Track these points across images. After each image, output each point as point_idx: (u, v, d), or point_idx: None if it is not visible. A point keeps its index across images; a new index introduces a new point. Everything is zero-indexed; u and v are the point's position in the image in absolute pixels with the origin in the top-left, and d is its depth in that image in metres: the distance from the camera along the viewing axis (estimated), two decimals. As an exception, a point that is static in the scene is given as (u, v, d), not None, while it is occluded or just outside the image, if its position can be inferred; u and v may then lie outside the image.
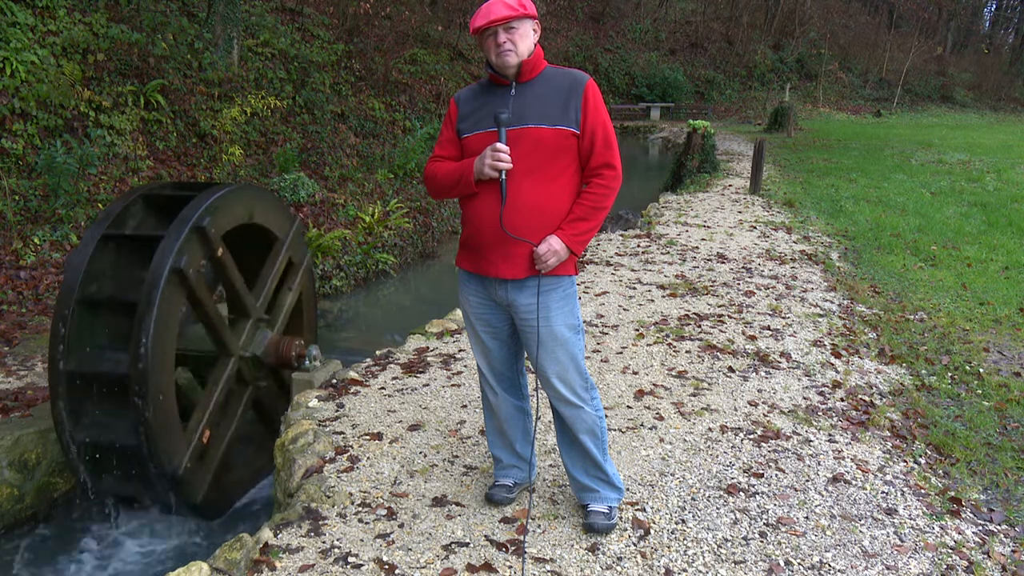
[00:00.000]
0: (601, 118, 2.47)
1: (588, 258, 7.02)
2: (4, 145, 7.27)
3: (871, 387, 4.18)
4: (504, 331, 2.67)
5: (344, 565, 2.55)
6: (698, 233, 8.25)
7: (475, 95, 2.57)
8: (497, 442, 2.89)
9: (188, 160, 9.44)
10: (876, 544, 2.72)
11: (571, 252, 2.46)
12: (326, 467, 3.19)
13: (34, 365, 4.97)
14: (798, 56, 35.04)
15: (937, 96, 37.86)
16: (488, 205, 2.45)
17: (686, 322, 5.16)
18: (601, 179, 2.48)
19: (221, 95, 10.64)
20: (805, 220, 9.15)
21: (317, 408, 3.80)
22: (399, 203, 10.54)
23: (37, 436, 4.07)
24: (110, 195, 7.83)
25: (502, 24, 2.39)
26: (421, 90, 16.65)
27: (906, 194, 11.11)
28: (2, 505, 3.93)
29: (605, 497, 2.74)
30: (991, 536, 2.84)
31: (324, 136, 11.93)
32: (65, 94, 8.08)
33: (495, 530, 2.74)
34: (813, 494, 3.04)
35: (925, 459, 3.40)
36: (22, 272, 6.40)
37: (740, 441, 3.47)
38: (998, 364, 4.67)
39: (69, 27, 8.91)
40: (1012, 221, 9.14)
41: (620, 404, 3.84)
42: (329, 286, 8.13)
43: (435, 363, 4.41)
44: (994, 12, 51.34)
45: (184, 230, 3.81)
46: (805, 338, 4.90)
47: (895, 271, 6.82)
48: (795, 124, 22.50)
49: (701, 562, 2.58)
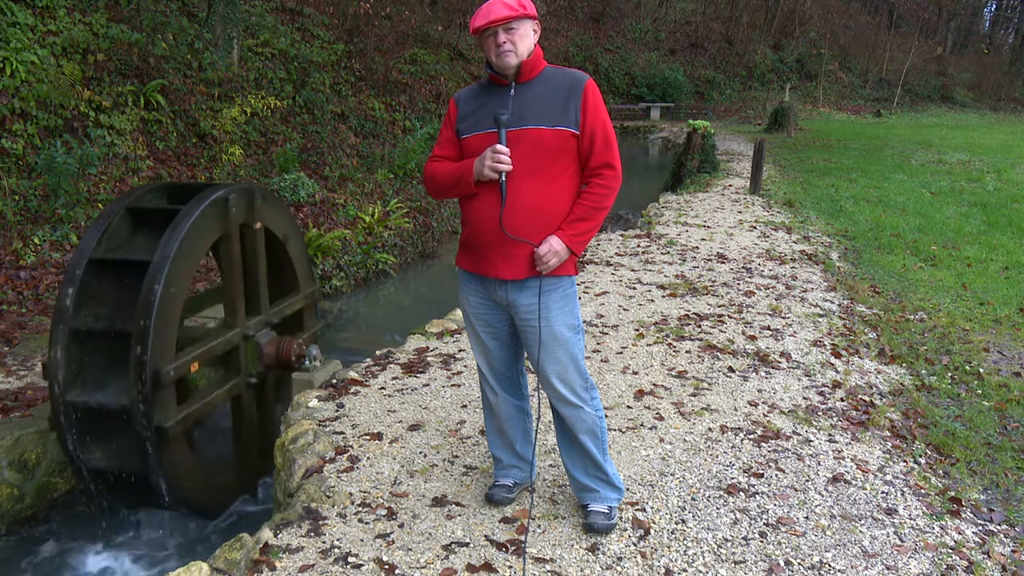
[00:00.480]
0: (601, 118, 2.47)
1: (588, 258, 7.02)
2: (4, 145, 7.27)
3: (871, 387, 4.18)
4: (504, 331, 2.67)
5: (344, 565, 2.55)
6: (698, 233, 8.25)
7: (475, 95, 2.57)
8: (497, 442, 2.89)
9: (188, 160, 9.44)
10: (876, 544, 2.72)
11: (571, 252, 2.46)
12: (326, 467, 3.19)
13: (34, 365, 4.96)
14: (798, 56, 35.04)
15: (937, 96, 37.86)
16: (488, 206, 2.45)
17: (686, 322, 5.16)
18: (601, 179, 2.48)
19: (221, 95, 10.64)
20: (805, 220, 9.15)
21: (317, 408, 3.80)
22: (399, 203, 10.54)
23: (37, 436, 4.07)
24: (110, 195, 7.83)
25: (502, 24, 2.38)
26: (421, 90, 16.66)
27: (906, 194, 11.11)
28: (2, 505, 3.93)
29: (605, 497, 2.74)
30: (991, 536, 2.84)
31: (324, 136, 11.93)
32: (65, 94, 8.08)
33: (495, 530, 2.74)
34: (813, 494, 3.04)
35: (925, 459, 3.40)
36: (22, 272, 6.40)
37: (740, 441, 3.47)
38: (998, 364, 4.67)
39: (69, 27, 8.91)
40: (1012, 221, 9.14)
41: (620, 404, 3.84)
42: (329, 286, 8.13)
43: (435, 363, 4.41)
44: (994, 12, 51.39)
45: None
46: (805, 338, 4.90)
47: (895, 271, 6.82)
48: (795, 124, 22.50)
49: (701, 562, 2.58)
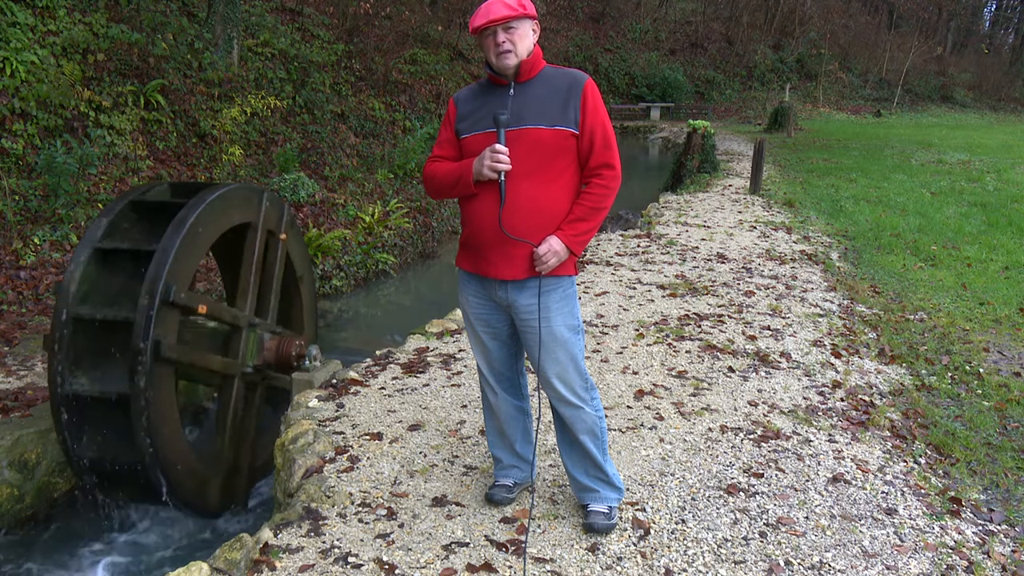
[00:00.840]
0: (600, 118, 2.46)
1: (588, 258, 7.02)
2: (4, 145, 7.27)
3: (871, 387, 4.18)
4: (504, 331, 2.67)
5: (344, 565, 2.55)
6: (698, 233, 8.25)
7: (474, 95, 2.56)
8: (497, 442, 2.89)
9: (188, 160, 9.44)
10: (876, 544, 2.72)
11: (571, 252, 2.46)
12: (326, 467, 3.19)
13: (34, 365, 4.96)
14: (798, 56, 35.02)
15: (937, 96, 37.84)
16: (487, 206, 2.44)
17: (686, 322, 5.16)
18: (600, 179, 2.48)
19: (221, 95, 10.64)
20: (805, 220, 9.15)
21: (317, 408, 3.80)
22: (399, 203, 10.54)
23: (37, 436, 4.07)
24: (110, 195, 7.83)
25: (501, 24, 2.38)
26: (421, 90, 16.65)
27: (906, 194, 11.10)
28: (2, 505, 3.93)
29: (605, 497, 2.74)
30: (991, 536, 2.84)
31: (324, 136, 11.93)
32: (65, 94, 8.08)
33: (495, 530, 2.74)
34: (813, 494, 3.04)
35: (925, 459, 3.40)
36: (22, 272, 6.40)
37: (740, 441, 3.47)
38: (998, 364, 4.67)
39: (69, 27, 8.91)
40: (1012, 221, 9.13)
41: (620, 404, 3.84)
42: (329, 286, 8.13)
43: (435, 363, 4.41)
44: (994, 12, 51.36)
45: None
46: (805, 338, 4.90)
47: (895, 271, 6.81)
48: (795, 124, 22.49)
49: (701, 562, 2.58)
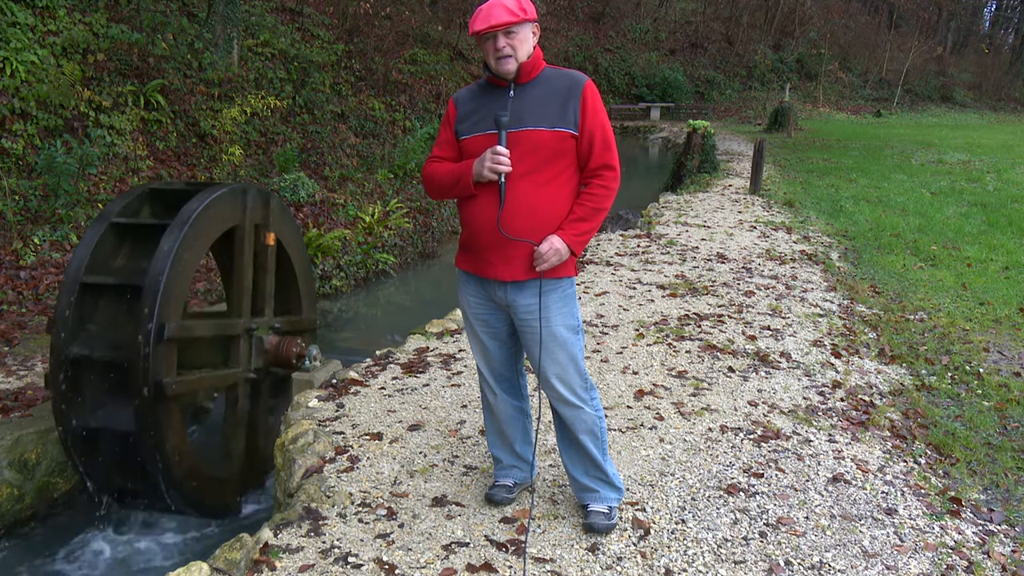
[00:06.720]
0: (600, 119, 2.46)
1: (588, 258, 7.02)
2: (4, 145, 7.27)
3: (871, 387, 4.18)
4: (503, 332, 2.67)
5: (344, 565, 2.55)
6: (698, 233, 8.25)
7: (474, 96, 2.56)
8: (497, 442, 2.89)
9: (188, 160, 9.44)
10: (876, 544, 2.72)
11: (571, 252, 2.46)
12: (326, 467, 3.19)
13: (34, 365, 4.96)
14: (798, 56, 35.00)
15: (937, 96, 37.81)
16: (487, 207, 2.45)
17: (686, 322, 5.16)
18: (600, 180, 2.48)
19: (221, 95, 10.64)
20: (805, 220, 9.15)
21: (317, 408, 3.80)
22: (399, 203, 10.54)
23: (37, 436, 4.07)
24: (110, 195, 7.83)
25: (502, 29, 2.38)
26: (421, 90, 16.65)
27: (906, 194, 11.10)
28: (2, 505, 3.93)
29: (605, 497, 2.74)
30: (991, 536, 2.84)
31: (324, 136, 11.93)
32: (65, 94, 8.08)
33: (495, 530, 2.74)
34: (813, 494, 3.04)
35: (925, 459, 3.40)
36: (22, 272, 6.40)
37: (740, 441, 3.47)
38: (998, 364, 4.67)
39: (69, 27, 8.91)
40: (1012, 221, 9.13)
41: (620, 404, 3.84)
42: (329, 286, 8.13)
43: (435, 363, 4.41)
44: (994, 12, 51.32)
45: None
46: (805, 338, 4.90)
47: (895, 271, 6.81)
48: (795, 124, 22.46)
49: (701, 562, 2.58)
